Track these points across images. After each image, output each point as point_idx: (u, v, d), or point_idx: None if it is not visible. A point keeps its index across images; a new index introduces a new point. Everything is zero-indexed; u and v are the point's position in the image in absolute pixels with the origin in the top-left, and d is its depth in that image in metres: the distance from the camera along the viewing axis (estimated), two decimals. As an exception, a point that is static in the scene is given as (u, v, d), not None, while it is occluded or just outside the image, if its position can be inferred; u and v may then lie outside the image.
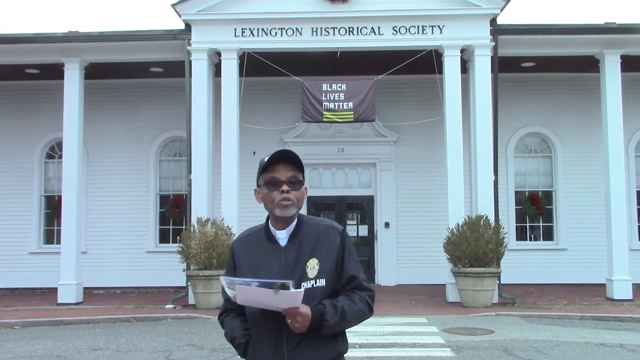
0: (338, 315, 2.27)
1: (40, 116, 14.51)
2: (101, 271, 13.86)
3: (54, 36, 12.11)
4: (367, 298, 2.41)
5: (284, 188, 2.33)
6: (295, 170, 2.37)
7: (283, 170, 2.36)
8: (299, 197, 2.38)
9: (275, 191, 2.35)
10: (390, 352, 7.38)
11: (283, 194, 2.33)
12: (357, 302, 2.37)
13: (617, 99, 11.87)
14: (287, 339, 2.27)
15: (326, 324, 2.24)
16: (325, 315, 2.24)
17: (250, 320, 2.38)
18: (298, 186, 2.37)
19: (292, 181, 2.35)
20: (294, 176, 2.36)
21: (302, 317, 2.17)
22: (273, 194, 2.35)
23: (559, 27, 11.78)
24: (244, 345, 2.39)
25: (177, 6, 11.66)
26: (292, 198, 2.34)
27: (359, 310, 2.36)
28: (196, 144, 11.79)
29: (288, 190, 2.33)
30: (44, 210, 14.72)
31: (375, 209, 14.60)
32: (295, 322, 2.18)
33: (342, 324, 2.31)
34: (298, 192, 2.37)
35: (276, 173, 2.35)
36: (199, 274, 10.77)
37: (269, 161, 2.36)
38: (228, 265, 2.55)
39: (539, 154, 14.74)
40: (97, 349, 7.74)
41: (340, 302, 2.32)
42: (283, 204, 2.33)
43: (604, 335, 8.31)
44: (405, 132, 14.25)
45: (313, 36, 11.80)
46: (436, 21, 11.75)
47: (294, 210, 2.36)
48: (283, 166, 2.36)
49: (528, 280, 13.58)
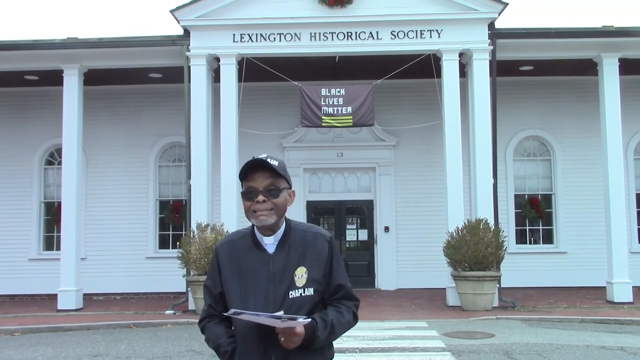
0: (328, 330, 2.27)
1: (40, 122, 14.52)
2: (101, 277, 13.84)
3: (53, 43, 12.14)
4: (353, 308, 2.43)
5: (259, 198, 2.27)
6: (273, 177, 2.30)
7: (260, 179, 2.29)
8: (280, 203, 2.31)
9: (250, 201, 2.29)
10: (391, 356, 7.37)
11: (259, 204, 2.28)
12: (345, 314, 2.37)
13: (615, 101, 11.89)
14: (275, 349, 2.24)
15: (317, 340, 2.23)
16: (317, 331, 2.23)
17: (237, 330, 2.34)
18: (277, 193, 2.30)
19: (270, 189, 2.29)
20: (272, 184, 2.29)
21: (297, 337, 2.16)
22: (248, 204, 2.30)
23: (557, 31, 11.81)
24: (230, 353, 2.34)
25: (175, 12, 11.69)
26: (268, 207, 2.28)
27: (346, 322, 2.37)
28: (195, 150, 11.80)
29: (264, 200, 2.28)
30: (43, 216, 14.71)
31: (375, 213, 14.60)
32: (289, 342, 2.16)
33: (330, 338, 2.31)
34: (278, 199, 2.30)
35: (252, 182, 2.29)
36: (199, 279, 10.74)
37: (244, 170, 2.29)
38: (211, 269, 2.46)
39: (538, 157, 14.75)
40: (97, 355, 7.73)
41: (329, 315, 2.31)
42: (258, 214, 2.28)
43: (605, 338, 8.30)
44: (404, 137, 14.26)
45: (311, 41, 11.83)
46: (434, 25, 11.77)
47: (271, 219, 2.30)
48: (260, 174, 2.29)
49: (528, 283, 13.56)
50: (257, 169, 2.30)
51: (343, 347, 7.45)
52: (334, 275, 2.37)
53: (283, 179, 2.32)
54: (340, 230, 14.62)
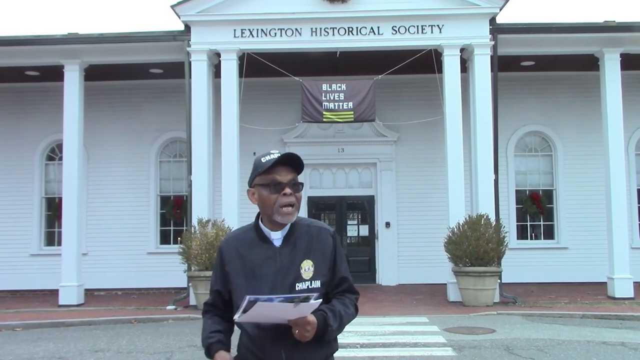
0: (337, 320, 2.29)
1: (41, 118, 14.52)
2: (102, 273, 13.86)
3: (53, 38, 12.12)
4: (355, 301, 2.47)
5: (287, 191, 2.28)
6: (294, 172, 2.33)
7: (284, 172, 2.31)
8: (300, 198, 2.36)
9: (276, 194, 2.29)
10: (392, 351, 7.37)
11: (286, 197, 2.28)
12: (349, 306, 2.40)
13: (617, 97, 11.87)
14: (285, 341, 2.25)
15: (330, 329, 2.25)
16: (328, 320, 2.24)
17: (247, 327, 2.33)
18: (298, 188, 2.33)
19: (294, 183, 2.31)
20: (294, 178, 2.32)
21: (311, 326, 2.17)
22: (274, 197, 2.30)
23: (559, 26, 11.78)
24: (208, 346, 2.35)
25: (176, 7, 11.67)
26: (292, 202, 2.30)
27: (351, 314, 2.41)
28: (196, 145, 11.79)
29: (291, 193, 2.29)
30: (44, 212, 14.73)
31: (376, 208, 14.60)
32: (305, 332, 2.16)
33: (340, 328, 2.34)
34: (299, 194, 2.34)
35: (277, 175, 2.29)
36: (200, 274, 10.76)
37: (273, 163, 2.28)
38: (215, 268, 2.47)
39: (539, 153, 14.73)
40: (99, 351, 7.74)
41: (336, 307, 2.33)
42: (285, 211, 2.29)
43: (606, 334, 8.30)
44: (405, 132, 14.25)
45: (312, 36, 11.80)
46: (435, 21, 11.75)
47: (294, 215, 2.33)
48: (284, 168, 2.31)
49: (529, 279, 13.58)
50: (282, 163, 2.31)
51: (344, 343, 7.45)
52: (338, 268, 2.40)
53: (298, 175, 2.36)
54: (342, 226, 14.63)
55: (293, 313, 2.12)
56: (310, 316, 2.16)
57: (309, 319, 2.15)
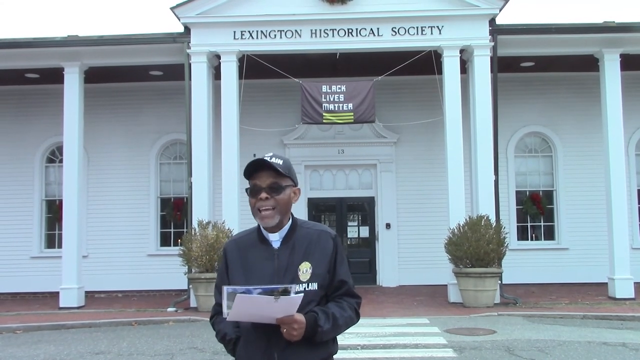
0: (330, 322, 2.29)
1: (41, 120, 14.52)
2: (103, 275, 13.86)
3: (53, 40, 12.13)
4: (355, 305, 2.46)
5: (262, 195, 2.33)
6: (277, 175, 2.35)
7: (265, 176, 2.35)
8: (283, 200, 2.36)
9: (254, 198, 2.36)
10: (393, 353, 7.37)
11: (261, 201, 2.33)
12: (347, 309, 2.40)
13: (616, 97, 11.87)
14: (277, 342, 2.26)
15: (320, 329, 2.25)
16: (318, 321, 2.25)
17: (241, 328, 2.37)
18: (280, 190, 2.35)
19: (273, 187, 2.34)
20: (275, 182, 2.35)
21: (298, 325, 2.17)
22: (253, 201, 2.37)
23: (558, 27, 11.78)
24: (234, 341, 2.39)
25: (176, 9, 11.68)
26: (271, 205, 2.33)
27: (348, 317, 2.40)
28: (196, 147, 11.80)
29: (267, 197, 2.33)
30: (45, 214, 14.73)
31: (376, 210, 14.60)
32: (292, 330, 2.17)
33: (334, 330, 2.34)
34: (281, 196, 2.36)
35: (257, 180, 2.36)
36: (200, 276, 10.76)
37: (248, 170, 2.36)
38: (220, 267, 2.54)
39: (539, 154, 14.73)
40: (99, 353, 7.74)
41: (330, 309, 2.34)
42: (262, 214, 2.34)
43: (606, 335, 8.30)
44: (405, 133, 14.25)
45: (312, 38, 11.81)
46: (435, 22, 11.75)
47: (275, 220, 2.36)
48: (264, 172, 2.36)
49: (530, 280, 13.57)
50: (262, 168, 2.36)
51: (345, 344, 7.45)
52: (337, 271, 2.41)
53: (287, 177, 2.38)
54: (342, 227, 14.62)
55: (278, 310, 2.11)
56: (298, 315, 2.17)
57: (296, 318, 2.16)
